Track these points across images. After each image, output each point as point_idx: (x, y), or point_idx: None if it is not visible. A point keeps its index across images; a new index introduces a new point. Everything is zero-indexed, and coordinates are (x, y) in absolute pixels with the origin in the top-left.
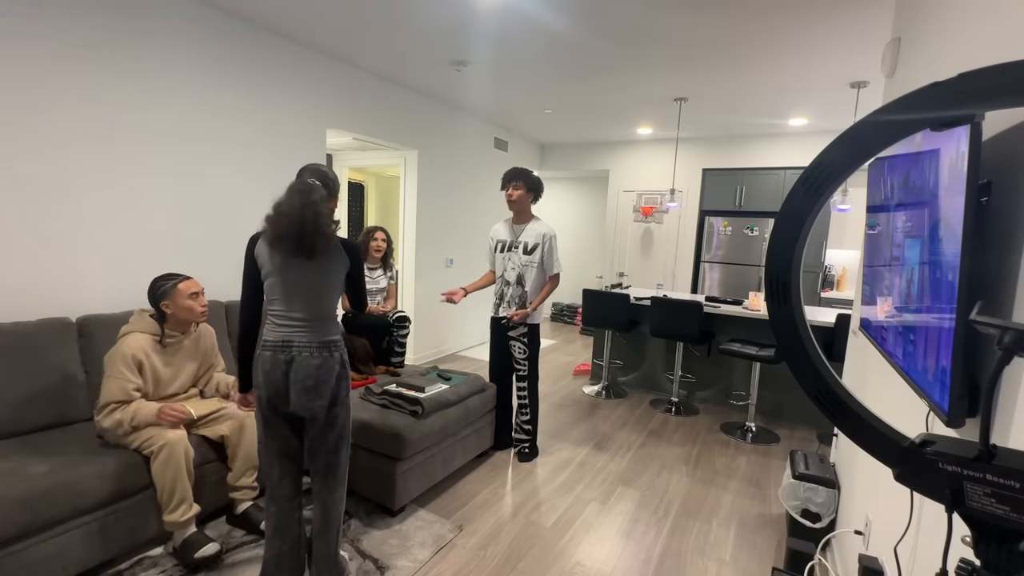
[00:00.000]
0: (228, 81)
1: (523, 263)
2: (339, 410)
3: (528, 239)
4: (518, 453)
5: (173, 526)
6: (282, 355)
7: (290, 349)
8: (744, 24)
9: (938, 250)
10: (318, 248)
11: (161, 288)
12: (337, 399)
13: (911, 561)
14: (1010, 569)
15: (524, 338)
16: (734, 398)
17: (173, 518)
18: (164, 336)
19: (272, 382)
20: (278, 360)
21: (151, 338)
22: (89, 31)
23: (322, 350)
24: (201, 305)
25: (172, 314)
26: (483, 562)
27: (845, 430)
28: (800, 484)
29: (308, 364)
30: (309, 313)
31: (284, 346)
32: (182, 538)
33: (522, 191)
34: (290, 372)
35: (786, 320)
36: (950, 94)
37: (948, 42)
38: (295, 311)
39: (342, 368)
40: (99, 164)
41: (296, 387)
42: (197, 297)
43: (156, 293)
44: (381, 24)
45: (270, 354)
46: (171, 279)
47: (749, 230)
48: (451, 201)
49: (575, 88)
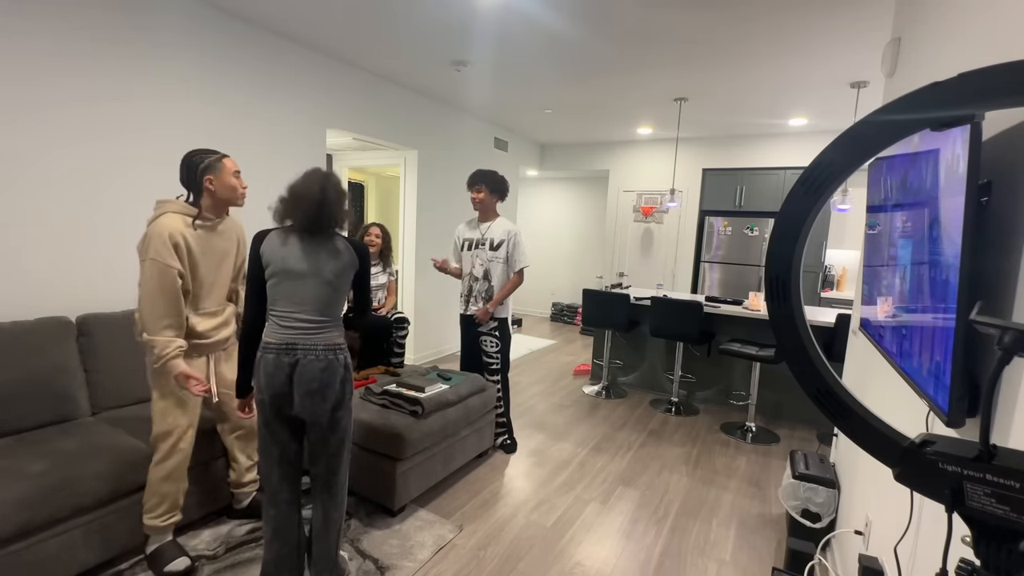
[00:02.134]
0: (228, 80)
1: (489, 259)
2: (342, 414)
3: (494, 236)
4: (502, 446)
5: (151, 530)
6: (286, 358)
7: (294, 352)
8: (744, 24)
9: (938, 250)
10: (338, 222)
11: (205, 161)
12: (341, 403)
13: (911, 561)
14: (1010, 569)
15: (495, 332)
16: (734, 398)
17: (154, 523)
18: (199, 217)
19: (275, 385)
20: (281, 363)
21: (184, 220)
22: (87, 28)
23: (327, 353)
24: (243, 186)
25: (214, 192)
26: (483, 562)
27: (845, 430)
28: (800, 484)
29: (313, 367)
30: (314, 315)
31: (288, 349)
32: (156, 544)
33: (484, 193)
34: (294, 375)
35: (786, 320)
36: (950, 94)
37: (948, 42)
38: (300, 313)
39: (346, 371)
40: (98, 162)
41: (300, 390)
42: (239, 176)
43: (198, 167)
44: (381, 24)
45: (273, 356)
46: (213, 153)
47: (749, 230)
48: (451, 201)
49: (575, 88)
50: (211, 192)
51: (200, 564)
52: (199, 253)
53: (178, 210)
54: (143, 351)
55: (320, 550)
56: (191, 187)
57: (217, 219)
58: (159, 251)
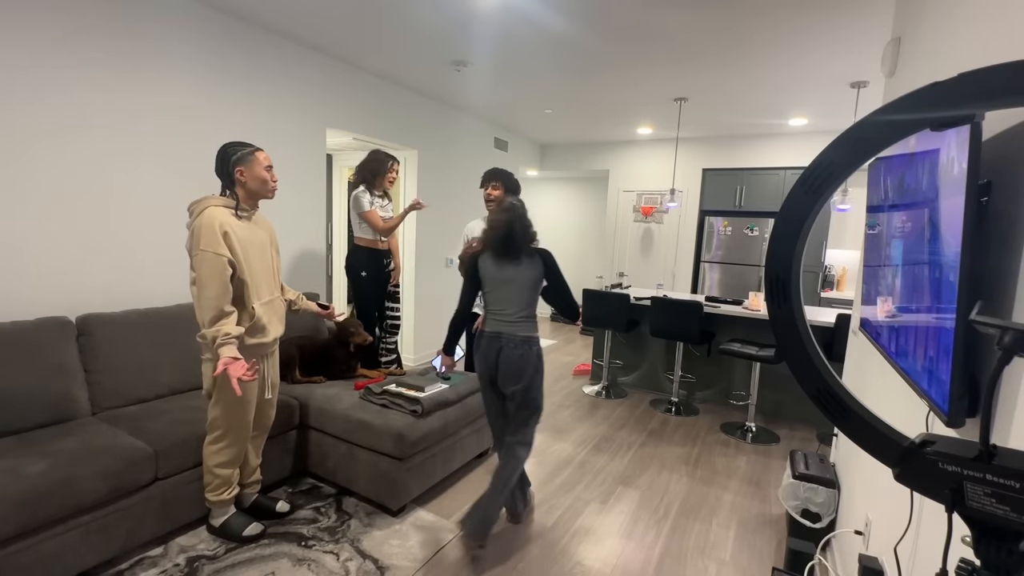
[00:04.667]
0: (227, 79)
1: None
2: (533, 394)
3: None
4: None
5: (215, 504)
6: (495, 343)
7: (500, 339)
8: (744, 24)
9: (938, 250)
10: (522, 250)
11: (237, 153)
12: (532, 386)
13: (911, 561)
14: (1010, 569)
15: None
16: (734, 398)
17: (219, 498)
18: (237, 208)
19: (487, 362)
20: (492, 347)
21: (228, 210)
22: (85, 26)
23: (522, 344)
24: (273, 179)
25: (245, 183)
26: (483, 562)
27: (845, 430)
28: (800, 484)
29: (512, 354)
30: (512, 314)
31: (496, 337)
32: (223, 517)
33: (500, 191)
34: (499, 357)
35: (786, 320)
36: (950, 94)
37: (948, 42)
38: (503, 311)
39: (538, 360)
40: (98, 162)
41: (502, 370)
42: (271, 170)
43: (230, 159)
44: (381, 24)
45: (486, 341)
46: (246, 146)
47: (749, 230)
48: (451, 201)
49: (575, 88)
50: (242, 183)
51: (200, 564)
52: (247, 242)
53: (220, 203)
54: (201, 350)
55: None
56: (224, 178)
57: (252, 211)
58: (210, 241)
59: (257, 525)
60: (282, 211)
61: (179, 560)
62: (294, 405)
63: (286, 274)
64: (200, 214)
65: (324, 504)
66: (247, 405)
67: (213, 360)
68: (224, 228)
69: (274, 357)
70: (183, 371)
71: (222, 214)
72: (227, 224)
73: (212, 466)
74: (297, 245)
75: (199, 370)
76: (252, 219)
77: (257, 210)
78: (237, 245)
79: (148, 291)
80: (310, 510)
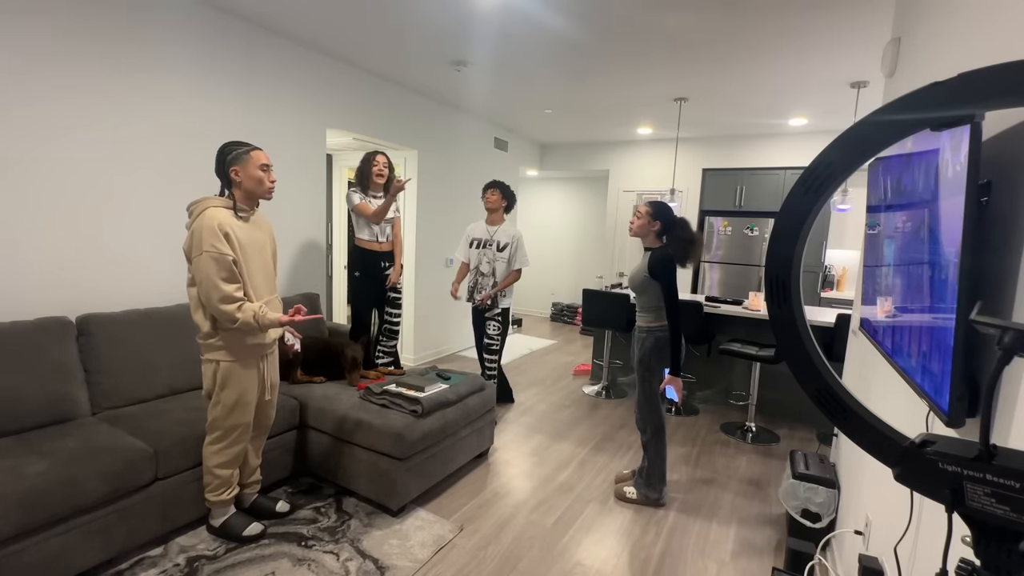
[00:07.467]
0: (227, 79)
1: (495, 258)
2: (647, 377)
3: (501, 239)
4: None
5: (215, 504)
6: (636, 332)
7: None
8: (744, 24)
9: (938, 250)
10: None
11: (232, 153)
12: (648, 369)
13: (911, 561)
14: (1010, 569)
15: (498, 318)
16: (734, 398)
17: (219, 498)
18: (236, 208)
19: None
20: (636, 335)
21: (227, 210)
22: (84, 25)
23: (641, 332)
24: (270, 180)
25: (240, 183)
26: (483, 562)
27: (845, 430)
28: (800, 484)
29: (637, 339)
30: (638, 307)
31: (637, 328)
32: (223, 517)
33: (498, 196)
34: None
35: (786, 320)
36: (950, 94)
37: (948, 42)
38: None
39: (652, 346)
40: (98, 162)
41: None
42: (268, 170)
43: (226, 158)
44: (381, 24)
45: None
46: (243, 145)
47: (749, 230)
48: (451, 201)
49: (575, 88)
50: (238, 183)
51: (200, 564)
52: (246, 243)
53: (219, 203)
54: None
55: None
56: (221, 177)
57: (250, 211)
58: (211, 242)
59: (257, 525)
60: (282, 211)
61: (179, 560)
62: (294, 405)
63: (286, 274)
64: (200, 215)
65: (324, 504)
66: (247, 406)
67: (213, 361)
68: (224, 228)
69: (273, 357)
70: (183, 371)
71: (222, 214)
72: (227, 224)
73: (212, 466)
74: (297, 245)
75: (199, 370)
76: (251, 219)
77: (256, 210)
78: (237, 246)
79: (148, 291)
80: (310, 510)
